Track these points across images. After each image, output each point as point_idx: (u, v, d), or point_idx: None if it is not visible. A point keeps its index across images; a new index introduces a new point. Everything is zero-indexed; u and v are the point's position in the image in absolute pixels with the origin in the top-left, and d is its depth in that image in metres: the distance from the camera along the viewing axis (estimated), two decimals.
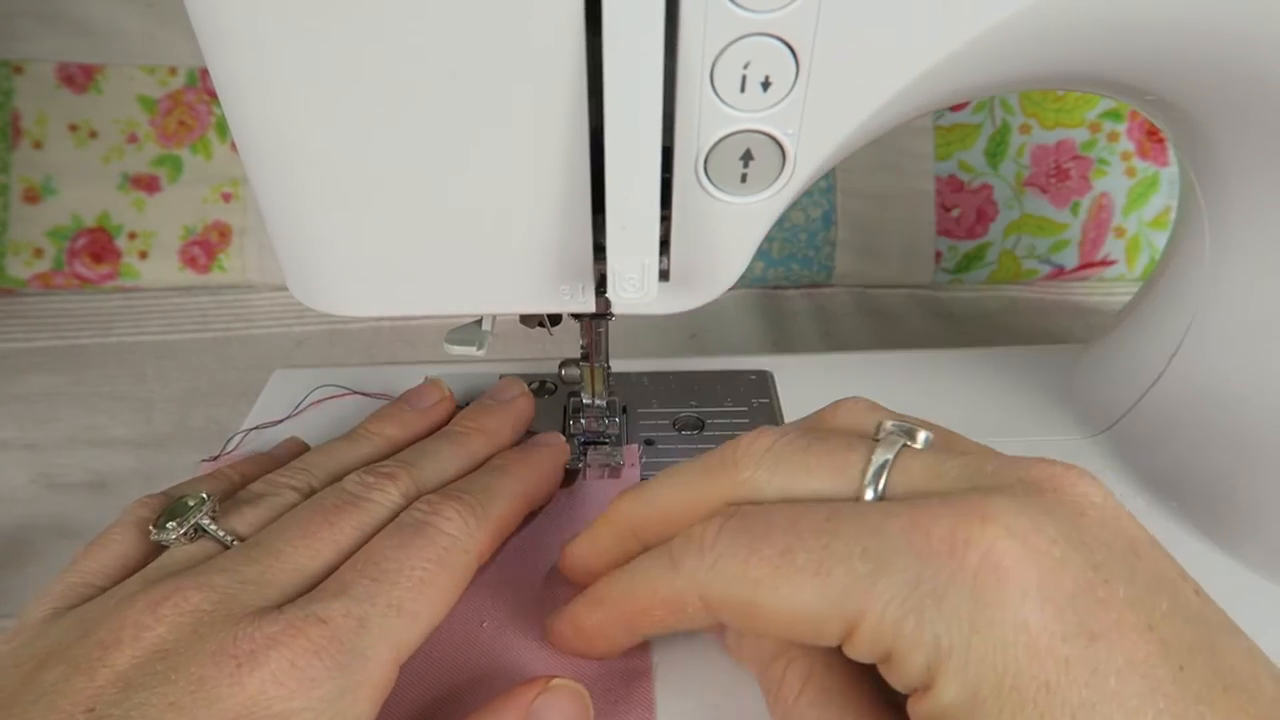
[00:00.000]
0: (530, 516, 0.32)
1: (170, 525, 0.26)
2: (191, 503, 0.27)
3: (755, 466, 0.23)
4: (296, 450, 0.34)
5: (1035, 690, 0.18)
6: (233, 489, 0.30)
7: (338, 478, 0.30)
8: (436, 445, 0.32)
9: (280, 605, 0.24)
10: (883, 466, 0.22)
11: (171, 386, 0.49)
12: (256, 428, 0.36)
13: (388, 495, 0.28)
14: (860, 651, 0.20)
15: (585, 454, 0.36)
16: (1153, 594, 0.19)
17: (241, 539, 0.27)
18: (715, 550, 0.22)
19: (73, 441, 0.45)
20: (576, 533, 0.29)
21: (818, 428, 0.25)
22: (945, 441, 0.23)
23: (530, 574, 0.31)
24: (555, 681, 0.24)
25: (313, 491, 0.29)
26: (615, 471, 0.35)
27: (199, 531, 0.27)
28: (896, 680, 0.20)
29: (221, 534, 0.27)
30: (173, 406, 0.48)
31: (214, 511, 0.27)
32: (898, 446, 0.22)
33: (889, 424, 0.23)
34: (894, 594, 0.19)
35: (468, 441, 0.32)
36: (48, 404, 0.47)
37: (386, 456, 0.31)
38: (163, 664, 0.22)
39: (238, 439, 0.35)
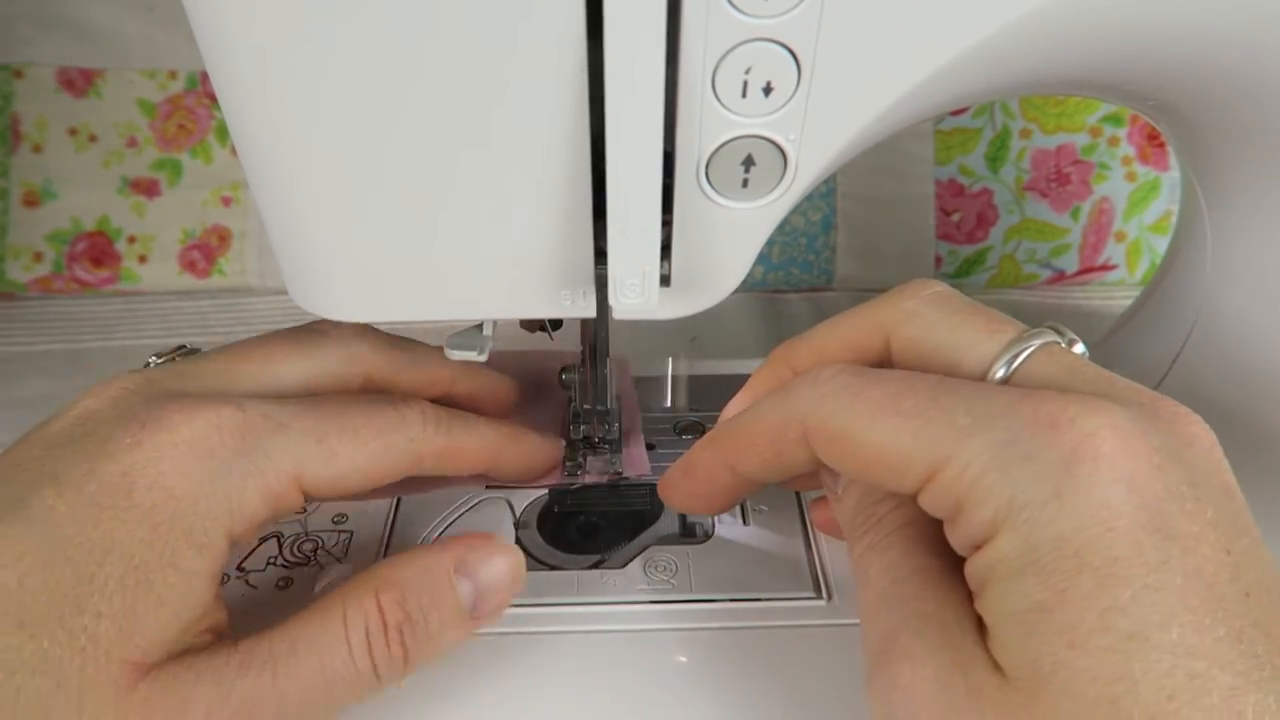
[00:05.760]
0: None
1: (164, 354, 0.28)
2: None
3: (918, 299, 0.24)
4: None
5: (1100, 562, 0.18)
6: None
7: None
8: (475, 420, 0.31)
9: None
10: (1029, 346, 0.22)
11: None
12: None
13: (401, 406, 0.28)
14: (931, 500, 0.21)
15: (584, 459, 0.36)
16: (1237, 528, 0.19)
17: None
18: (829, 385, 0.23)
19: None
20: None
21: None
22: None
23: None
24: (497, 542, 0.26)
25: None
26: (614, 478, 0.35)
27: (188, 351, 0.28)
28: (958, 537, 0.21)
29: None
30: None
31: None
32: (1050, 338, 0.23)
33: (1049, 324, 0.23)
34: (984, 448, 0.20)
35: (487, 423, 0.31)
36: (48, 408, 0.47)
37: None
38: (81, 428, 0.24)
39: None
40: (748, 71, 0.22)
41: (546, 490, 0.35)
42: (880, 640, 0.21)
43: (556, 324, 0.34)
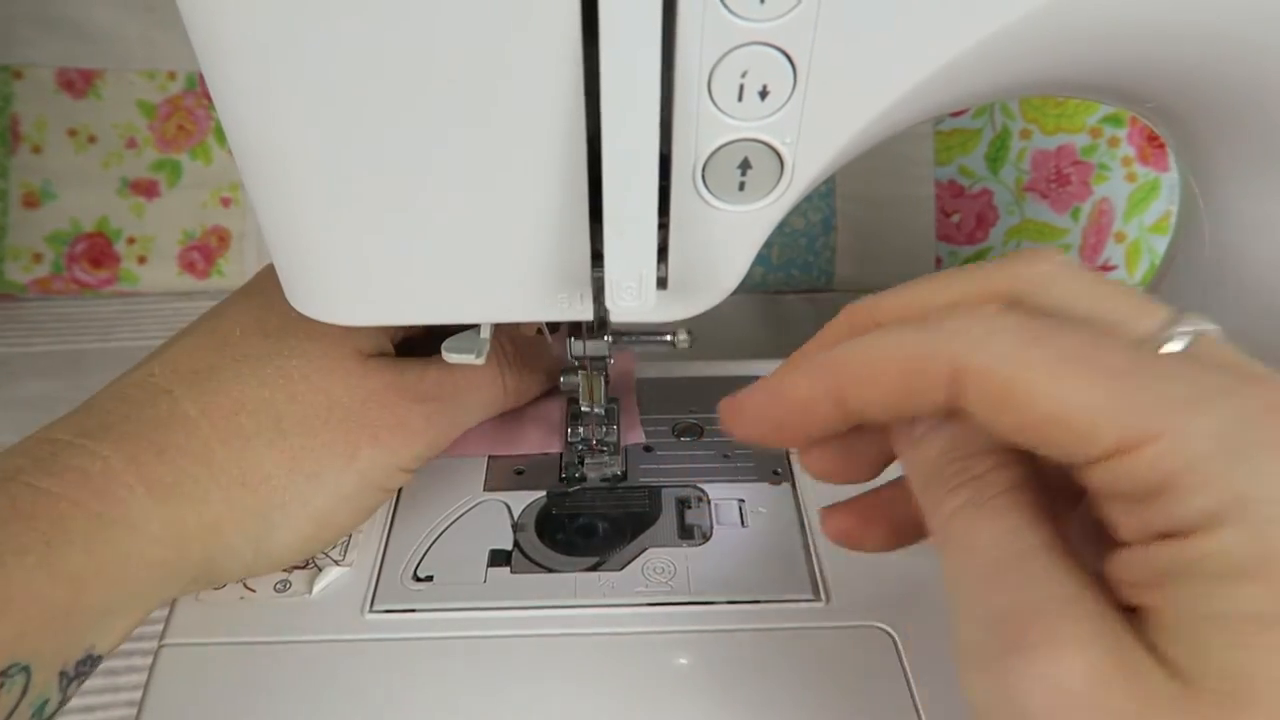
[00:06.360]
0: None
1: None
2: None
3: (1053, 263, 0.21)
4: None
5: None
6: None
7: None
8: None
9: None
10: (1192, 329, 0.19)
11: None
12: None
13: None
14: (1118, 474, 0.18)
15: (583, 461, 0.36)
16: None
17: None
18: (997, 322, 0.19)
19: None
20: None
21: None
22: None
23: None
24: None
25: None
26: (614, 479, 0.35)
27: None
28: (1145, 518, 0.18)
29: None
30: None
31: None
32: (1203, 325, 0.20)
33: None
34: (1214, 427, 0.17)
35: None
36: (47, 409, 0.47)
37: None
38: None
39: None
40: (744, 75, 0.22)
41: (545, 492, 0.35)
42: (1003, 617, 0.18)
43: (554, 326, 0.34)
